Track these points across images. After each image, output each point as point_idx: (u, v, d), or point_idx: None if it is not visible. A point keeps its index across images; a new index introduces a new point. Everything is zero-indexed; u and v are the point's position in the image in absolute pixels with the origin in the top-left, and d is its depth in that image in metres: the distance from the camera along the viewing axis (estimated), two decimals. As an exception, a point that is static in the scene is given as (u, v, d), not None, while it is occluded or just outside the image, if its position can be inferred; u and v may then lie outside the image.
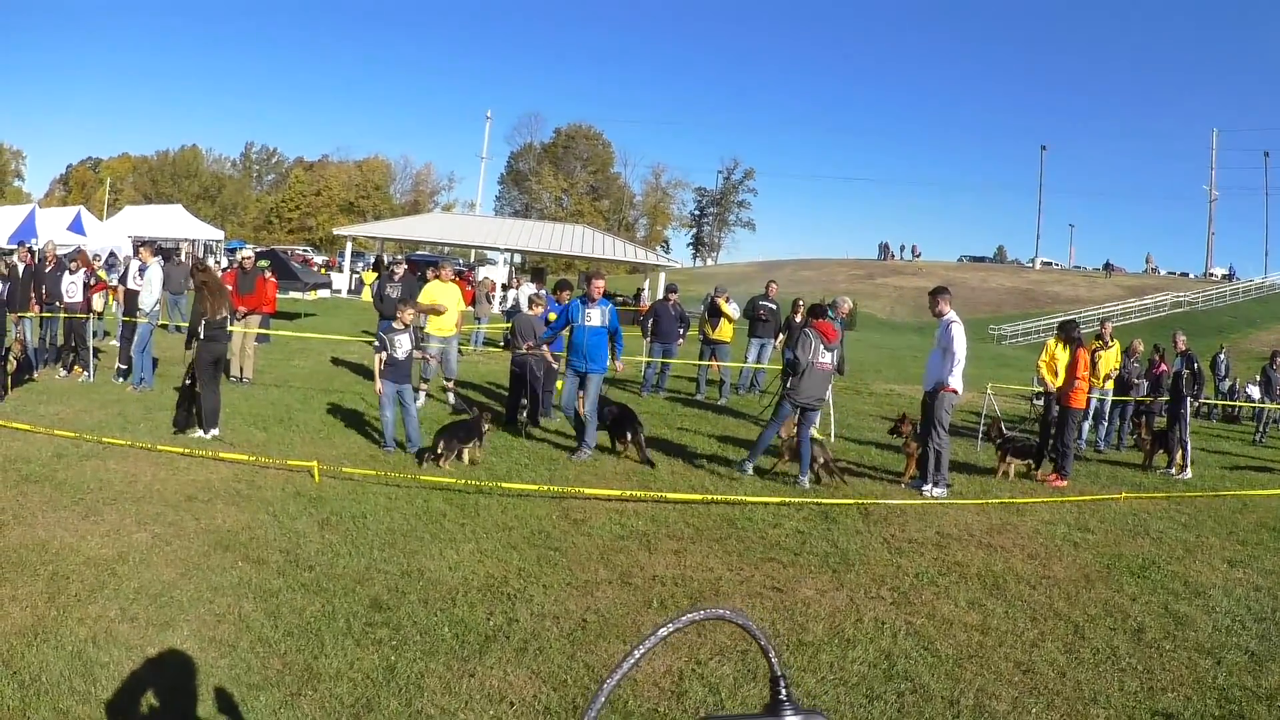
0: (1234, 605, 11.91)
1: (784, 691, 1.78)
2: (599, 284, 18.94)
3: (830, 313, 22.14)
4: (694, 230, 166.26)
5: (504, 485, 15.50)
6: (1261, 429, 34.22)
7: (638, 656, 1.76)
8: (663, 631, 1.77)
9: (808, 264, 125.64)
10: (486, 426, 17.87)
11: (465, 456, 17.35)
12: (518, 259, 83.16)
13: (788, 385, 17.74)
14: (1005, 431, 20.30)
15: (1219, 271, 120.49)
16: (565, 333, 19.63)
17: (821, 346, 17.24)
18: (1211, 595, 12.28)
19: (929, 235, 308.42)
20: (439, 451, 16.97)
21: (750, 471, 17.35)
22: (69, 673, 8.01)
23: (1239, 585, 12.84)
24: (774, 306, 27.50)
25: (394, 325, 18.33)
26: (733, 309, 27.97)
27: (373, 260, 77.28)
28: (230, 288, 21.06)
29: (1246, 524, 16.67)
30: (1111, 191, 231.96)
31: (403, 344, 17.99)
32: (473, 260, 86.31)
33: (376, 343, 18.28)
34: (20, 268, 24.94)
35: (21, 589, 9.74)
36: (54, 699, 7.57)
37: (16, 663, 8.10)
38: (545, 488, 15.56)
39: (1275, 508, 17.99)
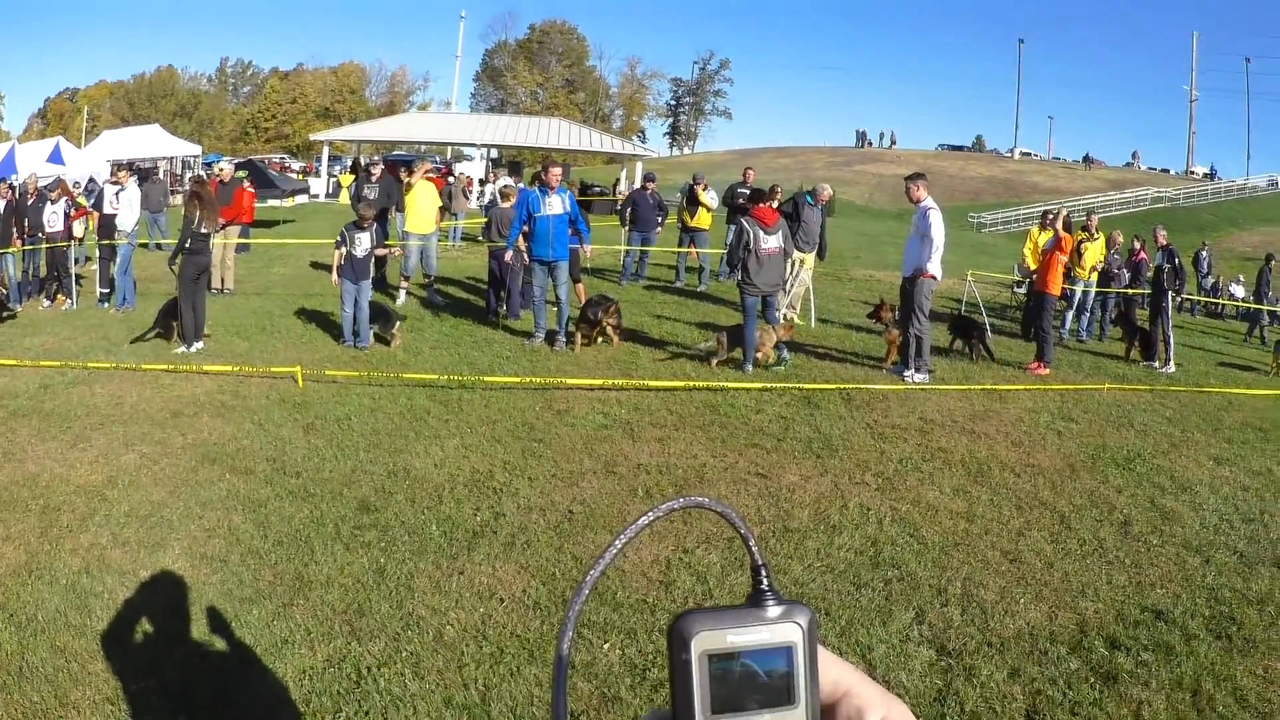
0: (1221, 504, 11.90)
1: (765, 581, 1.80)
2: (555, 171, 18.78)
3: (810, 199, 22.21)
4: (670, 120, 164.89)
5: (486, 379, 15.66)
6: (1258, 330, 34.40)
7: (619, 546, 1.77)
8: (643, 520, 1.77)
9: (785, 151, 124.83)
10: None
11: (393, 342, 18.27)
12: (495, 154, 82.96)
13: (739, 278, 17.80)
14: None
15: (1200, 170, 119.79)
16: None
17: (761, 233, 17.21)
18: (1198, 492, 12.29)
19: (907, 124, 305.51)
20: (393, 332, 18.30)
21: (751, 369, 17.26)
22: (64, 607, 8.08)
23: (1226, 484, 12.81)
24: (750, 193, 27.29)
25: (358, 224, 18.55)
26: (710, 198, 28.00)
27: (349, 163, 77.12)
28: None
29: (1232, 422, 16.62)
30: (1092, 84, 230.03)
31: (362, 242, 18.35)
32: (449, 157, 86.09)
33: (337, 238, 18.57)
34: (1, 204, 24.87)
35: (14, 527, 9.78)
36: (51, 636, 7.64)
37: (12, 604, 8.16)
38: (527, 380, 15.71)
39: (1261, 408, 17.94)
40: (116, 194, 23.76)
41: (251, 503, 10.38)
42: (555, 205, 18.32)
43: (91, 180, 43.81)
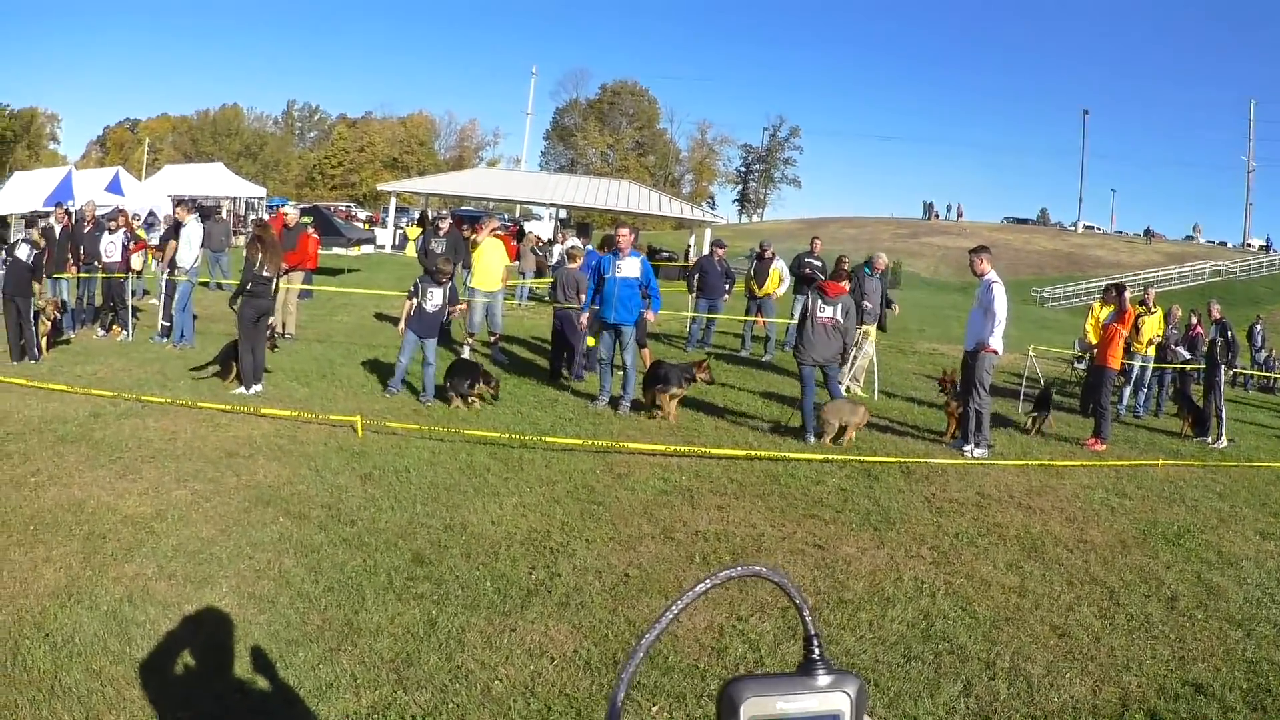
0: (1265, 578, 11.90)
1: (817, 651, 1.79)
2: (624, 232, 18.85)
3: (867, 269, 22.27)
4: (740, 187, 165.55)
5: (548, 439, 15.60)
6: None
7: (675, 612, 1.77)
8: (700, 587, 1.78)
9: (853, 222, 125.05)
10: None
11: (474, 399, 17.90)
12: (563, 214, 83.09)
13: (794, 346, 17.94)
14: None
15: (1256, 242, 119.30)
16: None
17: (820, 301, 17.34)
18: (1244, 566, 12.27)
19: (972, 196, 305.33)
20: (450, 394, 17.76)
21: (813, 440, 17.17)
22: (103, 633, 8.05)
23: (1270, 557, 12.82)
24: (819, 263, 27.30)
25: (432, 278, 18.44)
26: (784, 286, 28.18)
27: (417, 215, 77.06)
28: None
29: (1279, 496, 16.59)
30: (1152, 158, 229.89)
31: (433, 296, 18.17)
32: (517, 215, 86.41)
33: (410, 289, 18.44)
34: (57, 229, 25.03)
35: (56, 550, 9.78)
36: (87, 659, 7.62)
37: (49, 624, 8.15)
38: (589, 442, 15.62)
39: (1310, 482, 17.83)
40: (176, 229, 23.99)
41: (304, 547, 10.36)
42: (625, 269, 18.28)
43: (151, 213, 44.07)
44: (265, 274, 18.00)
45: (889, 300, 23.56)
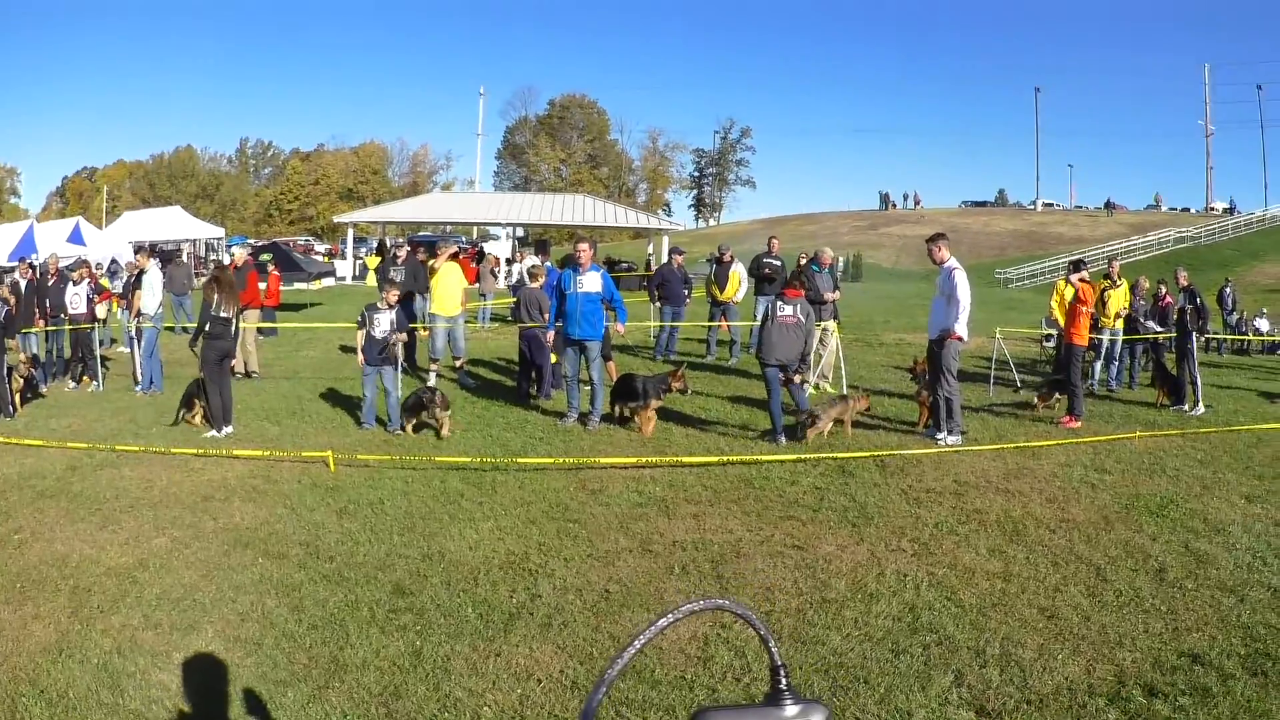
0: (1254, 541, 11.87)
1: (783, 681, 1.79)
2: (583, 247, 18.77)
3: (815, 266, 22.25)
4: (695, 192, 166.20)
5: (520, 460, 15.57)
6: None
7: (637, 647, 1.76)
8: (661, 622, 1.77)
9: (810, 218, 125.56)
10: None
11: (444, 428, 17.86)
12: (520, 233, 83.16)
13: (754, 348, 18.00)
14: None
15: (1220, 205, 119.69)
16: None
17: (780, 302, 17.40)
18: (1231, 532, 12.25)
19: (929, 182, 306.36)
20: (401, 423, 17.84)
21: (784, 441, 17.15)
22: (96, 686, 8.05)
23: (1258, 521, 12.79)
24: (779, 263, 27.27)
25: (378, 305, 18.50)
26: (742, 291, 28.02)
27: (375, 245, 77.13)
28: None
29: (1262, 458, 16.56)
30: (1108, 130, 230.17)
31: (380, 323, 18.18)
32: (475, 237, 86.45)
33: (359, 319, 18.48)
34: (22, 284, 24.99)
35: (44, 606, 9.78)
36: (82, 713, 7.63)
37: (43, 681, 8.15)
38: (561, 460, 15.61)
39: (1290, 439, 17.83)
40: (139, 276, 23.96)
41: (285, 587, 10.35)
42: (586, 284, 18.30)
43: (114, 261, 44.06)
44: (223, 314, 18.06)
45: (835, 286, 23.54)
